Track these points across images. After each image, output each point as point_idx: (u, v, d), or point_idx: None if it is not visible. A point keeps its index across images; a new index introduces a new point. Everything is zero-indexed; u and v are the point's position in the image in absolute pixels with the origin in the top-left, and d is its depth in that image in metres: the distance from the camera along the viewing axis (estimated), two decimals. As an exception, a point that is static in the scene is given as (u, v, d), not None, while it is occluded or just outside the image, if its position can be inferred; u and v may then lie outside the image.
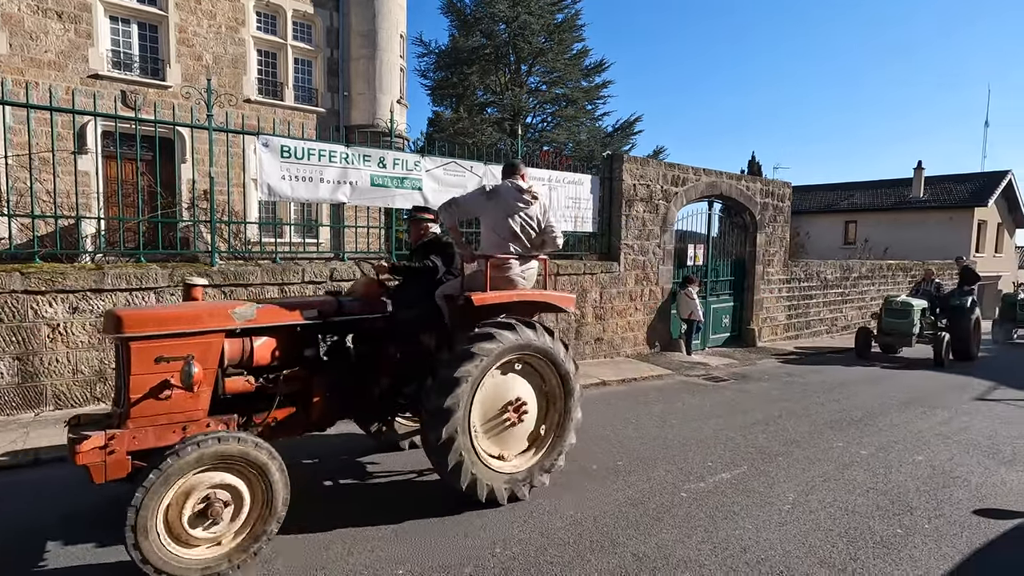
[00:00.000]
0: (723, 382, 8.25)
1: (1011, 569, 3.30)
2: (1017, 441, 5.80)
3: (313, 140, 6.67)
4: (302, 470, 4.29)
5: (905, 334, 10.84)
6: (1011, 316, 15.65)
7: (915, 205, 25.20)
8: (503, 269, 3.87)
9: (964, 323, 11.21)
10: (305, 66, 15.02)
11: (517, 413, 3.82)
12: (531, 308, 4.13)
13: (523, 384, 3.92)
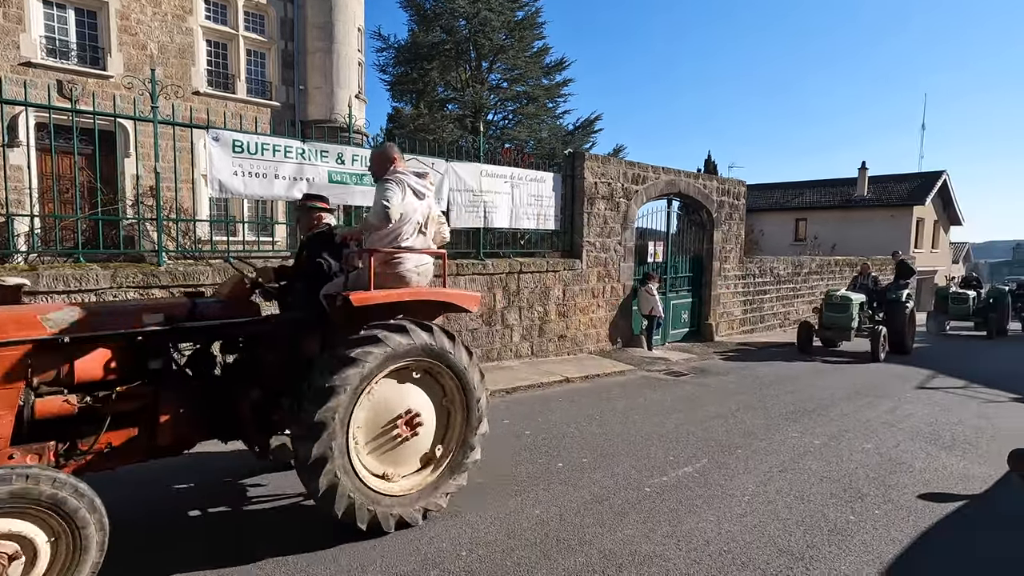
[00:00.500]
0: (683, 377, 8.42)
1: (952, 550, 3.47)
2: (955, 427, 6.14)
3: (267, 135, 6.43)
4: (165, 498, 3.79)
5: (844, 328, 10.91)
6: (944, 309, 16.46)
7: (860, 204, 26.41)
8: (392, 265, 3.45)
9: (899, 316, 11.40)
10: (258, 58, 14.52)
11: (410, 427, 3.37)
12: (434, 309, 3.76)
13: (419, 394, 3.47)
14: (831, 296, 11.28)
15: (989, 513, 4.03)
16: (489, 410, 3.92)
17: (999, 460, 5.10)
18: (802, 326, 11.38)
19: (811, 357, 10.62)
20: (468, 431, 3.63)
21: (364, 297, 3.23)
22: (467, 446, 3.64)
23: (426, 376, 3.51)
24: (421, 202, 3.55)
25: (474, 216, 8.20)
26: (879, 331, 10.64)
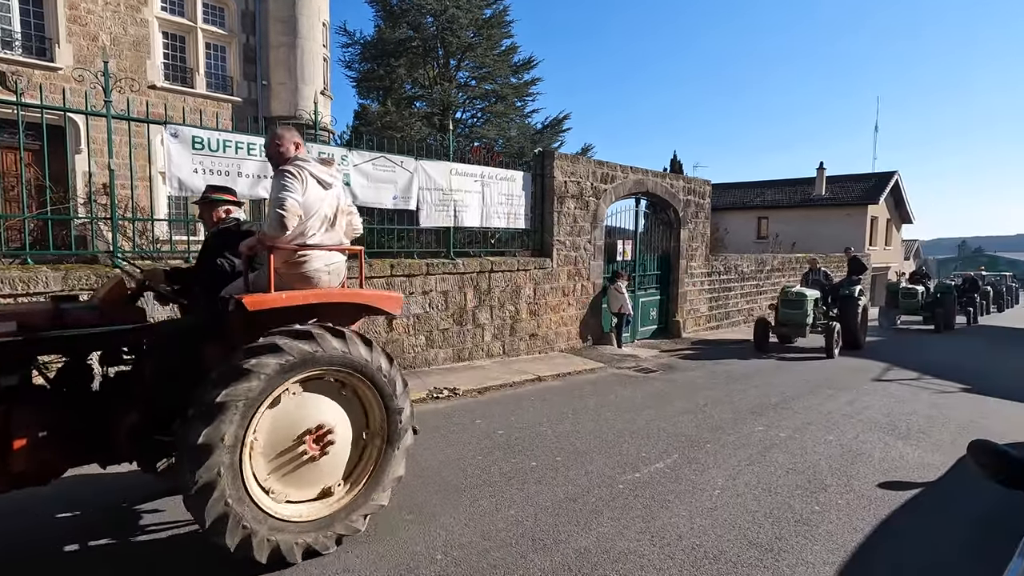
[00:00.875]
0: (652, 373, 8.55)
1: (910, 536, 3.62)
2: (910, 417, 6.40)
3: (229, 131, 6.23)
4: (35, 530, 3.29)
5: (800, 324, 10.86)
6: (894, 304, 17.12)
7: (818, 202, 27.32)
8: (297, 264, 3.07)
9: (852, 312, 11.43)
10: (218, 52, 14.06)
11: (320, 444, 2.98)
12: (355, 312, 3.42)
13: (332, 407, 3.09)
14: (787, 292, 11.19)
15: (944, 500, 4.21)
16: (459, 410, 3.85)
17: (952, 449, 5.36)
18: (758, 323, 11.25)
19: (767, 354, 10.61)
20: (389, 445, 3.27)
21: (259, 300, 2.85)
22: (388, 462, 3.27)
23: (340, 387, 3.13)
24: (328, 192, 3.15)
25: (444, 215, 8.13)
26: (833, 327, 10.63)
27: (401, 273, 7.52)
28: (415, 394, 6.50)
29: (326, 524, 3.03)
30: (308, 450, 2.96)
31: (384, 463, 3.27)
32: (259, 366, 2.72)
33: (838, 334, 10.69)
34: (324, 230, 3.15)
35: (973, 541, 3.58)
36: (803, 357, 10.42)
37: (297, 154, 3.16)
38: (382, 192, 7.43)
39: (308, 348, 2.86)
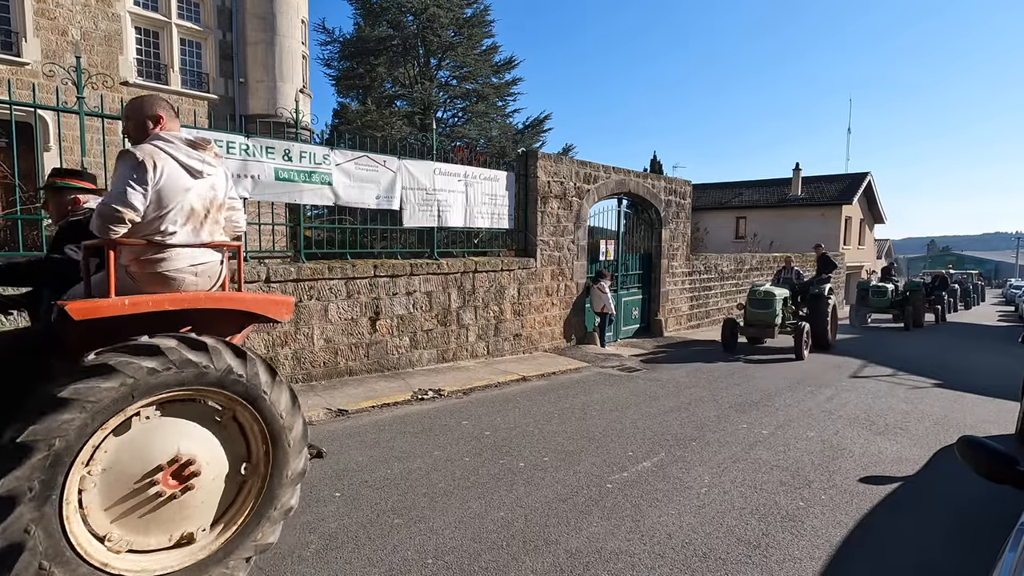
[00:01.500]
0: (636, 372, 8.60)
1: (891, 530, 3.69)
2: (887, 413, 6.56)
3: (207, 129, 6.09)
4: None
5: (768, 325, 10.47)
6: (865, 302, 17.31)
7: (794, 203, 27.84)
8: (151, 263, 2.55)
9: (821, 312, 11.11)
10: (194, 48, 13.76)
11: (179, 480, 2.45)
12: (237, 320, 2.95)
13: (200, 435, 2.56)
14: (754, 291, 10.81)
15: (923, 494, 4.32)
16: (445, 412, 3.78)
17: (928, 442, 5.49)
18: (726, 324, 10.75)
19: (735, 356, 10.22)
20: (275, 473, 2.73)
21: (89, 308, 2.33)
22: (273, 493, 2.74)
23: (210, 408, 2.60)
24: (197, 182, 2.64)
25: (428, 215, 8.07)
26: (802, 327, 10.27)
27: (384, 274, 7.44)
28: (399, 396, 6.46)
29: (193, 574, 2.51)
30: (164, 490, 2.40)
31: (269, 496, 2.73)
32: (82, 393, 2.15)
33: (807, 334, 10.39)
34: (190, 227, 2.63)
35: (952, 533, 3.67)
36: (772, 359, 10.08)
37: (157, 131, 2.64)
38: (365, 192, 7.34)
39: (153, 366, 2.31)
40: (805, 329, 10.33)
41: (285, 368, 6.56)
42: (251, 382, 2.61)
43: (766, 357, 10.24)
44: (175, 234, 2.58)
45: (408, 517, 3.60)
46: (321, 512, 3.65)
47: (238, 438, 2.70)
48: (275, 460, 2.74)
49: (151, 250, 2.55)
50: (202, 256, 2.71)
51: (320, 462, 4.49)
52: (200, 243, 2.68)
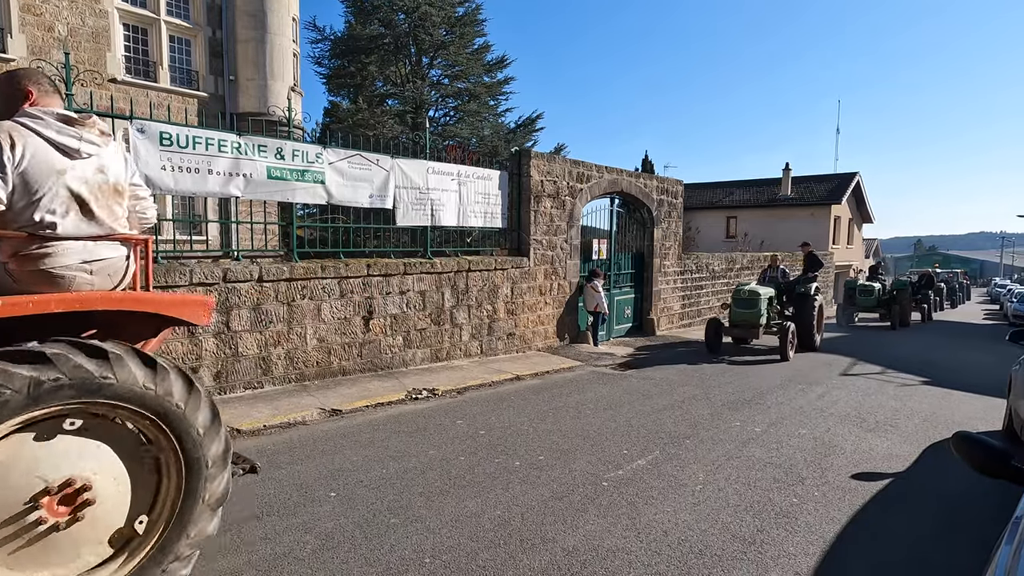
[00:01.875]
0: (629, 371, 8.64)
1: (883, 525, 3.74)
2: (878, 411, 6.63)
3: (199, 127, 6.04)
4: None
5: (753, 325, 10.15)
6: (851, 301, 17.27)
7: (784, 202, 28.07)
8: (33, 259, 2.26)
9: (807, 311, 10.81)
10: (183, 45, 13.63)
11: (69, 506, 2.13)
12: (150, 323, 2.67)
13: (99, 454, 2.25)
14: (739, 291, 10.50)
15: (913, 489, 4.37)
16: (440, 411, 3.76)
17: (917, 439, 5.57)
18: (710, 324, 10.48)
19: (718, 357, 9.89)
20: (188, 499, 2.43)
21: None
22: (187, 520, 2.44)
23: (104, 423, 2.28)
24: (75, 163, 2.32)
25: (421, 214, 8.05)
26: (787, 327, 9.98)
27: (378, 273, 7.42)
28: (393, 395, 6.44)
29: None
30: (47, 516, 2.08)
31: (180, 525, 2.43)
32: None
33: (793, 334, 10.11)
34: (75, 216, 2.32)
35: (943, 527, 3.72)
36: (756, 360, 9.79)
37: (27, 107, 2.32)
38: (358, 191, 7.31)
39: (35, 376, 2.00)
40: (790, 329, 10.03)
41: (278, 368, 6.53)
42: (161, 395, 2.31)
43: (751, 358, 9.97)
44: (57, 225, 2.27)
45: (404, 516, 3.59)
46: (317, 512, 3.63)
47: (143, 456, 2.38)
48: (188, 484, 2.42)
49: (32, 244, 2.23)
50: (99, 251, 2.41)
51: (314, 461, 4.48)
52: (95, 236, 2.38)
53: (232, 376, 6.16)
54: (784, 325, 10.22)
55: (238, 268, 6.17)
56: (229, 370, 6.13)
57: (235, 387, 6.18)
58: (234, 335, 6.15)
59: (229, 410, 5.51)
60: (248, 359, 6.28)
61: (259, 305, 6.34)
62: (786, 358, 9.82)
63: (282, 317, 6.53)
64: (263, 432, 5.18)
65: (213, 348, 5.99)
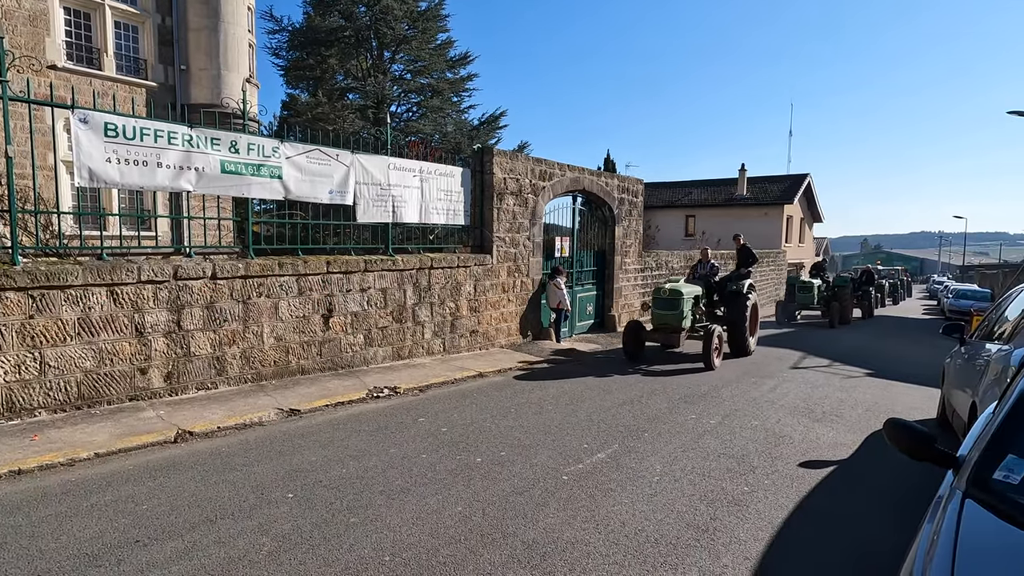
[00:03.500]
0: (590, 367, 8.75)
1: (828, 510, 3.93)
2: (824, 401, 6.94)
3: (147, 118, 5.79)
4: None
5: (674, 328, 8.98)
6: (792, 298, 17.10)
7: (740, 202, 28.94)
8: None
9: (739, 311, 9.66)
10: (130, 32, 13.02)
11: None
12: None
13: None
14: (659, 289, 9.30)
15: (855, 475, 4.60)
16: (401, 409, 3.75)
17: (860, 428, 5.86)
18: (628, 328, 9.26)
19: (635, 366, 8.63)
20: None
21: None
22: None
23: None
24: None
25: (382, 211, 7.95)
26: (711, 331, 8.76)
27: (338, 270, 7.29)
28: (354, 394, 6.35)
29: None
30: None
31: None
32: None
33: (719, 339, 8.90)
34: None
35: (883, 510, 3.93)
36: (681, 369, 8.56)
37: None
38: (317, 186, 7.17)
39: None
40: (715, 333, 8.79)
41: (233, 368, 6.34)
42: None
43: (674, 367, 8.66)
44: None
45: (364, 515, 3.56)
46: (273, 513, 3.56)
47: None
48: None
49: None
50: None
51: (271, 463, 4.38)
52: None
53: (184, 377, 5.95)
54: (709, 328, 8.98)
55: (190, 265, 5.96)
56: (181, 371, 5.92)
57: (187, 388, 5.97)
58: (186, 334, 5.94)
59: (181, 412, 5.33)
60: (201, 359, 6.08)
61: (213, 303, 6.14)
62: (710, 367, 8.48)
63: (237, 315, 6.35)
64: (217, 434, 5.03)
65: (163, 348, 5.78)
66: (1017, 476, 1.74)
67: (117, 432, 4.79)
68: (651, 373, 8.29)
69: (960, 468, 1.94)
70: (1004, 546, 1.54)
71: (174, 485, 3.95)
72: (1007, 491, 1.72)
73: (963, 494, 1.77)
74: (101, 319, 5.34)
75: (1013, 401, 2.04)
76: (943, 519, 1.68)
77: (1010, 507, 1.65)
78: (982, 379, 4.43)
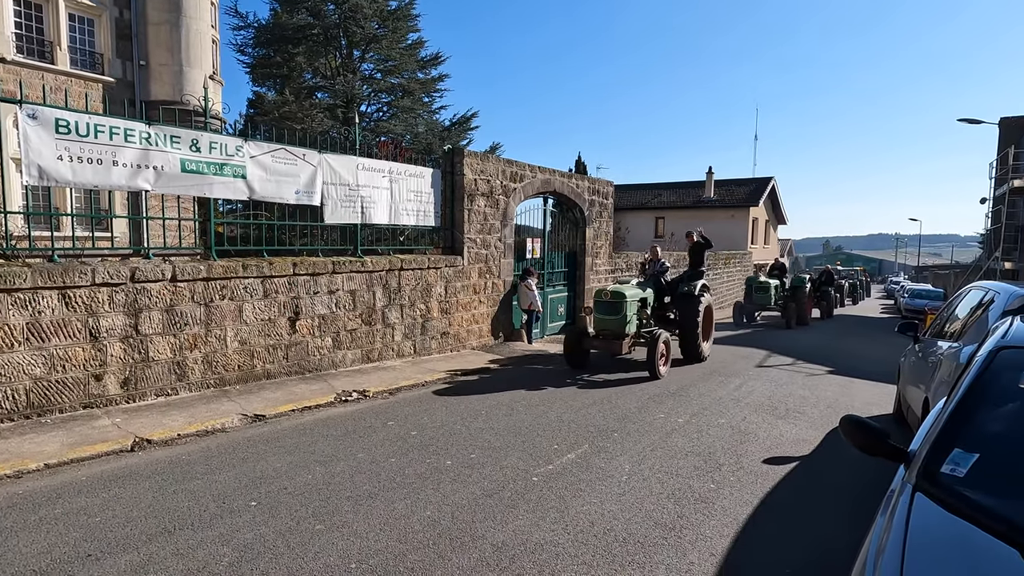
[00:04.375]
0: (562, 367, 8.79)
1: (791, 505, 4.02)
2: (788, 399, 7.12)
3: (102, 114, 5.58)
4: None
5: (617, 335, 8.21)
6: (750, 298, 16.95)
7: (707, 204, 29.55)
8: None
9: (691, 315, 8.97)
10: (85, 25, 12.55)
11: None
12: None
13: None
14: (600, 292, 8.57)
15: (817, 471, 4.73)
16: (370, 413, 3.72)
17: (822, 424, 6.03)
18: (570, 335, 8.61)
19: (575, 377, 7.90)
20: None
21: None
22: None
23: None
24: None
25: (351, 211, 7.84)
26: (657, 336, 7.96)
27: (305, 272, 7.15)
28: (322, 398, 6.23)
29: None
30: None
31: None
32: None
33: (666, 345, 8.15)
34: None
35: (842, 504, 4.05)
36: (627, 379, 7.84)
37: None
38: (283, 186, 7.02)
39: None
40: (662, 339, 7.98)
41: (195, 373, 6.15)
42: None
43: (620, 377, 7.98)
44: None
45: (330, 522, 3.49)
46: (235, 523, 3.46)
47: None
48: None
49: None
50: None
51: (234, 470, 4.26)
52: None
53: (142, 383, 5.74)
54: (654, 334, 8.14)
55: (148, 267, 5.76)
56: (139, 376, 5.72)
57: (146, 394, 5.77)
58: (144, 339, 5.74)
59: (139, 419, 5.14)
60: (160, 364, 5.88)
61: (173, 306, 5.95)
62: (655, 375, 7.77)
63: (199, 319, 6.16)
64: (177, 441, 4.87)
65: (120, 353, 5.56)
66: (963, 469, 1.81)
67: (69, 441, 4.59)
68: (621, 372, 8.36)
69: (911, 462, 2.01)
70: (950, 537, 1.60)
71: (130, 496, 3.80)
72: (953, 484, 1.79)
73: (913, 487, 1.83)
74: (52, 324, 5.11)
75: (959, 397, 2.12)
76: (895, 512, 1.74)
77: (956, 499, 1.72)
78: (934, 375, 4.61)
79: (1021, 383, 2.14)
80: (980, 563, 1.52)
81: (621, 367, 8.79)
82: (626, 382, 7.75)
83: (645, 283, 9.33)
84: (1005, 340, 2.38)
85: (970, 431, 2.00)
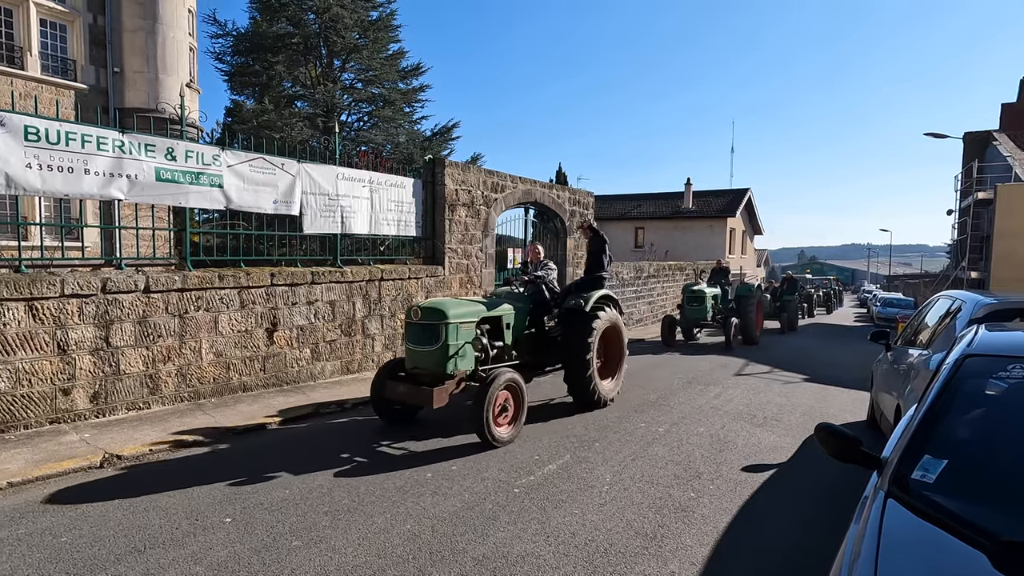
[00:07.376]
0: (543, 376, 8.79)
1: (770, 512, 4.07)
2: (766, 407, 7.22)
3: (73, 122, 5.47)
4: None
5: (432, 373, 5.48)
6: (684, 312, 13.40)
7: (686, 215, 29.99)
8: None
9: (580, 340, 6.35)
10: (57, 31, 12.31)
11: None
12: None
13: None
14: (411, 311, 5.66)
15: (794, 477, 4.79)
16: (350, 425, 3.66)
17: (799, 432, 6.11)
18: (377, 377, 5.75)
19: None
20: None
21: None
22: None
23: None
24: None
25: (330, 221, 7.77)
26: (490, 379, 5.20)
27: (283, 282, 7.06)
28: (301, 411, 6.12)
29: None
30: None
31: None
32: None
33: (512, 391, 5.42)
34: None
35: (819, 510, 4.11)
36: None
37: None
38: (261, 196, 6.93)
39: None
40: (499, 383, 5.21)
41: (168, 386, 6.01)
42: None
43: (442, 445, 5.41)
44: None
45: (308, 538, 3.42)
46: (208, 540, 3.37)
47: None
48: None
49: None
50: None
51: (207, 486, 4.16)
52: None
53: (113, 397, 5.59)
54: (489, 375, 5.36)
55: (120, 278, 5.63)
56: (109, 390, 5.56)
57: (116, 408, 5.61)
58: (115, 351, 5.59)
59: (109, 434, 5.00)
60: (132, 377, 5.73)
61: (145, 318, 5.82)
62: (488, 440, 5.07)
63: (173, 331, 6.03)
64: (148, 456, 4.74)
65: (89, 366, 5.41)
66: (932, 475, 1.86)
67: (35, 458, 4.43)
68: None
69: (883, 469, 2.05)
70: (921, 542, 1.64)
71: (98, 514, 3.68)
72: (923, 490, 1.83)
73: (885, 494, 1.87)
74: (18, 336, 4.96)
75: (928, 404, 2.17)
76: (868, 518, 1.77)
77: (926, 505, 1.76)
78: (905, 383, 4.72)
79: (987, 390, 2.20)
80: (948, 567, 1.55)
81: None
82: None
83: (523, 294, 6.73)
84: (971, 348, 2.45)
85: (939, 438, 2.05)
